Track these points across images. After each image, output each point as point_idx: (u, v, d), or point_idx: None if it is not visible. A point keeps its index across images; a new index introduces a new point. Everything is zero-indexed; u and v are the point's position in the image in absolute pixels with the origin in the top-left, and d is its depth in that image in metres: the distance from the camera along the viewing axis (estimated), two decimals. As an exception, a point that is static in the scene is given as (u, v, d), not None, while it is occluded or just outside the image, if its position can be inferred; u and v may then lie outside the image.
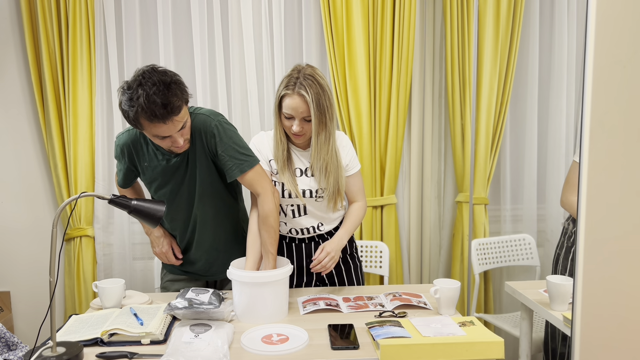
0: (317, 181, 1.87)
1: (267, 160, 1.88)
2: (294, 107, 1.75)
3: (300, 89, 1.73)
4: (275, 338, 1.52)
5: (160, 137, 1.67)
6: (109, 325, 1.54)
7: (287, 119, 1.79)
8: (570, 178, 2.02)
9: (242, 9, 2.50)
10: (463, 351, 1.38)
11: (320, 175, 1.85)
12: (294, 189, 1.84)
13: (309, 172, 1.88)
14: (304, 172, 1.89)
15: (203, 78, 2.51)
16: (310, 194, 1.87)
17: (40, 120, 2.49)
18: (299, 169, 1.89)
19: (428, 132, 2.69)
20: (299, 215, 1.91)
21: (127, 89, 1.63)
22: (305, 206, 1.90)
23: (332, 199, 1.87)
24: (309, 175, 1.88)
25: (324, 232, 1.96)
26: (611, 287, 1.09)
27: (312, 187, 1.87)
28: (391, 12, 2.48)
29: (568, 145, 2.48)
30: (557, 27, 2.55)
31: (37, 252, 2.61)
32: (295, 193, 1.85)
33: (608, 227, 1.07)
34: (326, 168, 1.83)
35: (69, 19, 2.38)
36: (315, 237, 1.97)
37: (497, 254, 2.57)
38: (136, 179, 2.01)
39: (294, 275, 1.98)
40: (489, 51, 2.51)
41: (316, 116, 1.74)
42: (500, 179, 2.69)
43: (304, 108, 1.74)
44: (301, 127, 1.77)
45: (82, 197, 1.47)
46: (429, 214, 2.73)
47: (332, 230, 1.98)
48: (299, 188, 1.86)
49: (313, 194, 1.87)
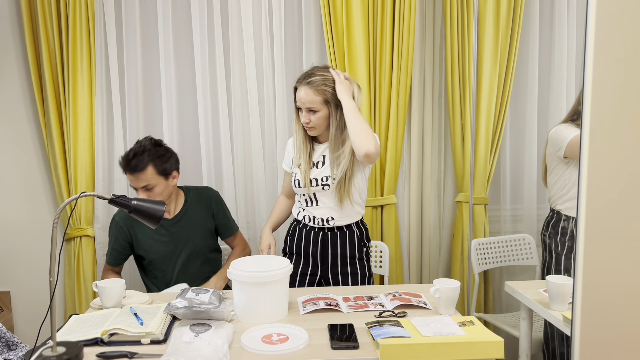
0: (327, 169, 1.96)
1: (290, 160, 2.06)
2: (299, 98, 1.90)
3: (305, 80, 1.88)
4: (275, 338, 1.52)
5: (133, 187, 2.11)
6: (109, 325, 1.54)
7: (299, 111, 1.94)
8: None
9: (242, 9, 2.50)
10: (463, 351, 1.38)
11: (332, 163, 1.94)
12: (303, 178, 1.96)
13: (321, 164, 1.98)
14: (315, 165, 1.99)
15: (203, 78, 2.51)
16: (316, 182, 1.96)
17: (40, 121, 2.49)
18: (314, 162, 1.99)
19: (428, 132, 2.69)
20: (311, 205, 2.01)
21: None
22: (316, 195, 1.99)
23: (339, 188, 1.93)
24: (321, 166, 1.98)
25: (334, 227, 2.01)
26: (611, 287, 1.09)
27: (319, 176, 1.96)
28: (391, 12, 2.48)
29: (568, 145, 2.47)
30: (557, 27, 2.55)
31: (37, 252, 2.61)
32: (304, 182, 1.95)
33: (608, 227, 1.07)
34: (338, 157, 1.92)
35: (69, 19, 2.38)
36: (326, 229, 2.02)
37: (497, 254, 2.57)
38: (127, 258, 2.30)
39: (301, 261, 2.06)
40: (489, 51, 2.51)
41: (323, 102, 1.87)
42: (500, 179, 2.69)
43: (308, 98, 1.87)
44: (308, 118, 1.90)
45: (82, 197, 1.48)
46: (429, 213, 2.73)
47: (342, 226, 2.01)
48: (309, 177, 1.96)
49: (319, 182, 1.96)
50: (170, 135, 2.54)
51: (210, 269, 2.28)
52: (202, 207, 2.25)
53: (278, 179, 2.60)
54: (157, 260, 2.21)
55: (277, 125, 2.58)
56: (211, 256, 2.31)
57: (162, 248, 2.20)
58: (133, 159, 2.06)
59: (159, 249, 2.20)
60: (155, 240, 2.19)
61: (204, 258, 2.26)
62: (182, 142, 2.59)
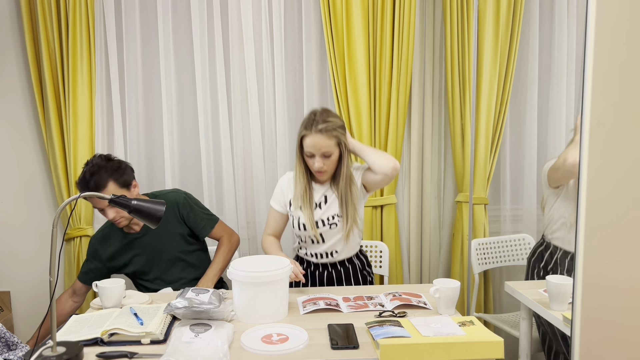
0: (333, 208, 2.01)
1: (287, 201, 2.06)
2: (313, 144, 1.91)
3: (317, 127, 1.90)
4: (275, 338, 1.52)
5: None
6: (109, 325, 1.54)
7: (309, 157, 1.95)
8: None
9: (242, 9, 2.50)
10: (463, 351, 1.38)
11: (342, 200, 1.99)
12: (309, 222, 1.99)
13: (323, 204, 2.02)
14: (318, 205, 2.02)
15: (203, 78, 2.51)
16: (323, 223, 2.00)
17: (40, 120, 2.49)
18: (316, 203, 2.03)
19: (428, 132, 2.69)
20: (317, 243, 2.04)
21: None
22: (322, 234, 2.02)
23: (346, 223, 1.99)
24: (323, 206, 2.02)
25: (336, 261, 2.05)
26: (611, 287, 1.09)
27: (325, 216, 2.00)
28: (391, 12, 2.49)
29: (568, 145, 2.48)
30: (557, 27, 2.55)
31: (37, 252, 2.61)
32: (310, 225, 1.99)
33: (608, 227, 1.07)
34: (344, 196, 1.98)
35: (69, 19, 2.38)
36: (329, 264, 2.06)
37: (497, 254, 2.57)
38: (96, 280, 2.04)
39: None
40: (489, 51, 2.51)
41: (336, 144, 1.92)
42: (500, 179, 2.69)
43: (323, 143, 1.90)
44: (322, 163, 1.93)
45: (82, 197, 1.48)
46: (429, 213, 2.73)
47: (344, 259, 2.06)
48: (314, 219, 2.00)
49: (326, 222, 2.00)
50: (170, 135, 2.54)
51: (195, 270, 2.20)
52: (169, 214, 2.13)
53: (278, 179, 2.59)
54: (138, 272, 2.17)
55: (277, 125, 2.58)
56: (192, 259, 2.21)
57: (138, 261, 2.15)
58: (91, 179, 1.97)
59: (137, 262, 2.15)
60: (130, 254, 2.15)
61: (183, 263, 2.18)
62: (182, 142, 2.59)
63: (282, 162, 2.59)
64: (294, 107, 2.61)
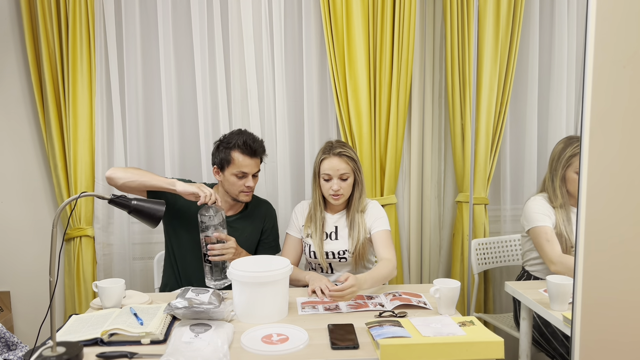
0: (343, 242, 2.09)
1: (300, 226, 2.16)
2: (332, 166, 2.04)
3: (336, 151, 2.05)
4: (275, 338, 1.52)
5: (240, 175, 2.06)
6: (109, 325, 1.54)
7: (326, 181, 2.06)
8: (545, 238, 2.08)
9: (242, 9, 2.50)
10: (463, 351, 1.38)
11: (351, 231, 2.08)
12: (318, 250, 2.08)
13: (334, 235, 2.12)
14: (329, 236, 2.12)
15: (203, 78, 2.51)
16: (333, 255, 2.10)
17: (40, 121, 2.49)
18: (326, 233, 2.12)
19: (428, 132, 2.69)
20: (325, 272, 2.14)
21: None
22: (332, 265, 2.12)
23: (355, 258, 2.07)
24: (334, 238, 2.11)
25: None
26: (611, 287, 1.09)
27: (336, 250, 2.09)
28: (391, 12, 2.48)
29: (568, 145, 2.47)
30: (557, 27, 2.55)
31: (37, 252, 2.61)
32: (320, 254, 2.08)
33: (608, 227, 1.07)
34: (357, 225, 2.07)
35: (69, 19, 2.38)
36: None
37: (497, 254, 2.57)
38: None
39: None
40: (489, 51, 2.51)
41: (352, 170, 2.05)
42: (500, 179, 2.69)
43: (341, 166, 2.03)
44: (339, 185, 2.04)
45: (82, 197, 1.48)
46: (429, 213, 2.73)
47: None
48: (324, 250, 2.10)
49: (336, 255, 2.09)
50: (171, 136, 2.54)
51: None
52: (257, 220, 2.20)
53: (278, 179, 2.60)
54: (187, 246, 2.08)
55: (277, 125, 2.58)
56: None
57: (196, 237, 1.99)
58: (260, 145, 2.11)
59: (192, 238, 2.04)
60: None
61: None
62: (182, 142, 2.59)
63: (282, 162, 2.58)
64: (294, 107, 2.61)
